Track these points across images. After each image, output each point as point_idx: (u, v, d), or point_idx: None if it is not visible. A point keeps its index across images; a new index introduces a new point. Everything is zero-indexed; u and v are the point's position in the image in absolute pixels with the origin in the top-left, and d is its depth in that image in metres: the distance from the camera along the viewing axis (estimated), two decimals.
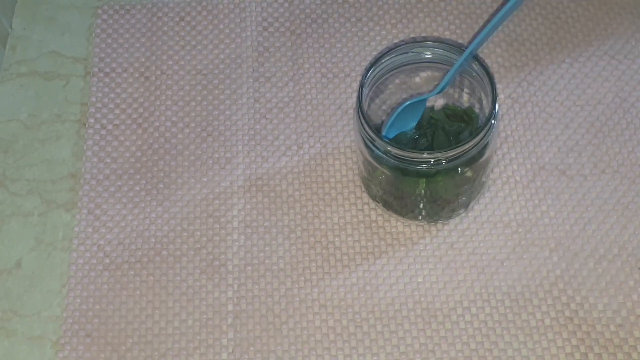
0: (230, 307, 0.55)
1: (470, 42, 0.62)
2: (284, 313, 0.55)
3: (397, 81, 0.56)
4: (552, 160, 0.59)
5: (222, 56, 0.65)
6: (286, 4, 0.67)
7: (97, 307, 0.55)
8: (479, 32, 0.65)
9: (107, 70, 0.65)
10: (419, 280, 0.55)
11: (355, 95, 0.63)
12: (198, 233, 0.58)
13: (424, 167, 0.50)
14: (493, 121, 0.50)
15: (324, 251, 0.57)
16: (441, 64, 0.53)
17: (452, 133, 0.55)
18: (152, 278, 0.56)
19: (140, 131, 0.62)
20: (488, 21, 0.66)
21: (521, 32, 0.65)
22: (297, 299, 0.55)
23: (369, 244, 0.57)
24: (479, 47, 0.51)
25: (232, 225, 0.58)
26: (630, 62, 0.63)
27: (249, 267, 0.56)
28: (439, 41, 0.61)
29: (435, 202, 0.55)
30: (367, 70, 0.52)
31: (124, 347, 0.54)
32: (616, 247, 0.56)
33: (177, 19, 0.67)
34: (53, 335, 0.54)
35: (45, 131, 0.62)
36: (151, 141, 0.62)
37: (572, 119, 0.61)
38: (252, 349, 0.54)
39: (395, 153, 0.49)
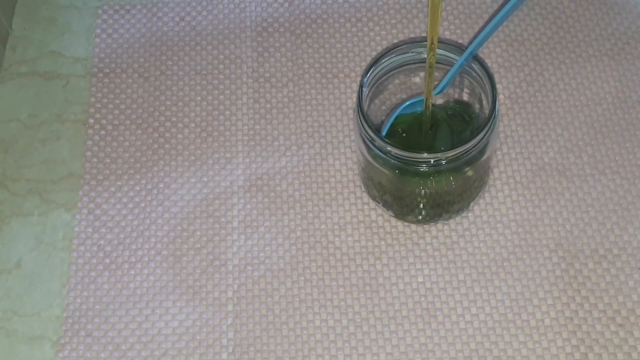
0: (230, 307, 0.55)
1: (470, 42, 0.62)
2: (284, 313, 0.55)
3: (397, 81, 0.56)
4: (552, 161, 0.59)
5: (221, 56, 0.65)
6: (286, 4, 0.67)
7: (98, 307, 0.55)
8: (479, 32, 0.65)
9: (107, 70, 0.65)
10: (419, 280, 0.55)
11: (355, 95, 0.63)
12: (198, 233, 0.58)
13: (424, 167, 0.50)
14: (493, 121, 0.50)
15: (324, 251, 0.57)
16: (441, 64, 0.53)
17: (455, 130, 0.54)
18: (152, 278, 0.56)
19: (140, 131, 0.62)
20: (488, 21, 0.66)
21: (521, 32, 0.65)
22: (297, 299, 0.55)
23: (369, 244, 0.57)
24: (479, 47, 0.51)
25: (232, 225, 0.58)
26: (630, 62, 0.63)
27: (249, 267, 0.56)
28: (439, 41, 0.60)
29: (435, 202, 0.55)
30: (367, 70, 0.52)
31: (124, 347, 0.54)
32: (616, 247, 0.56)
33: (177, 19, 0.67)
34: (53, 335, 0.54)
35: (45, 131, 0.62)
36: (151, 141, 0.62)
37: (572, 119, 0.61)
38: (252, 349, 0.54)
39: (395, 153, 0.49)
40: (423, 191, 0.54)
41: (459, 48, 0.52)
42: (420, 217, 0.57)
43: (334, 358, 0.53)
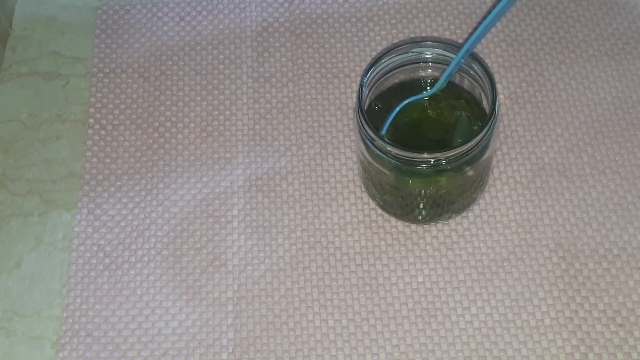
0: (230, 307, 0.55)
1: (466, 40, 0.62)
2: (284, 313, 0.55)
3: (397, 81, 0.56)
4: (552, 161, 0.59)
5: (221, 56, 0.65)
6: (286, 4, 0.67)
7: (98, 306, 0.55)
8: (475, 29, 0.65)
9: (107, 70, 0.65)
10: (419, 280, 0.55)
11: (355, 95, 0.63)
12: (198, 233, 0.58)
13: (424, 167, 0.50)
14: (493, 121, 0.50)
15: (324, 251, 0.57)
16: (441, 64, 0.53)
17: (474, 124, 0.54)
18: (152, 278, 0.56)
19: (140, 131, 0.62)
20: (484, 18, 0.65)
21: (521, 32, 0.65)
22: (297, 299, 0.55)
23: (369, 244, 0.57)
24: (476, 44, 0.51)
25: (232, 225, 0.58)
26: (630, 62, 0.63)
27: (249, 267, 0.56)
28: (439, 41, 0.60)
29: (435, 202, 0.55)
30: (367, 70, 0.52)
31: (124, 347, 0.54)
32: (616, 247, 0.56)
33: (177, 19, 0.67)
34: (53, 335, 0.54)
35: (45, 131, 0.62)
36: (151, 141, 0.62)
37: (572, 119, 0.61)
38: (252, 349, 0.54)
39: (395, 153, 0.49)
40: (423, 191, 0.54)
41: (458, 48, 0.52)
42: (420, 217, 0.57)
43: (334, 358, 0.53)
